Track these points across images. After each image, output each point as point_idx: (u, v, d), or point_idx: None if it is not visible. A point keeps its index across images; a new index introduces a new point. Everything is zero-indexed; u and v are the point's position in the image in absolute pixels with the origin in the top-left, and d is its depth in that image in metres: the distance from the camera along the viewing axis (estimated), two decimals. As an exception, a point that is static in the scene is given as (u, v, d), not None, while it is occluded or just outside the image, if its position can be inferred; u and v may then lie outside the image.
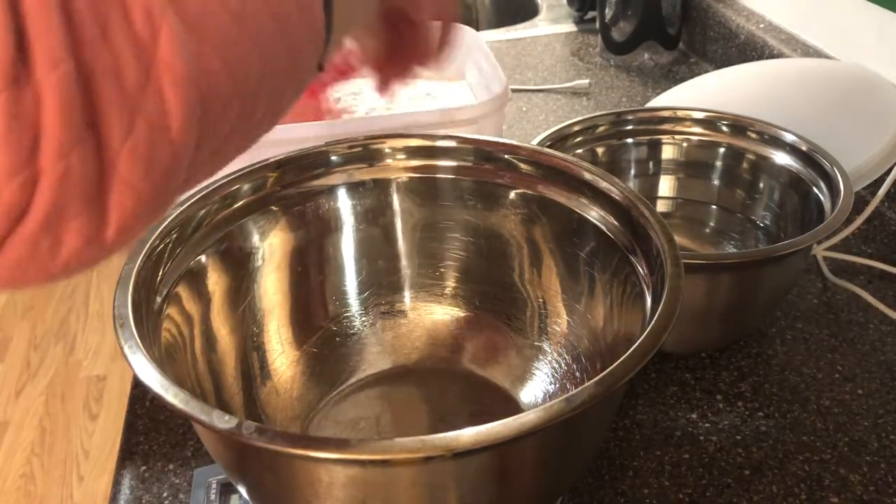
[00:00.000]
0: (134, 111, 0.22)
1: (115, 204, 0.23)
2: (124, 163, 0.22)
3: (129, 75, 0.22)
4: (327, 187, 0.56)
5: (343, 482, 0.36)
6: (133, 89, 0.22)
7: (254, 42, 0.26)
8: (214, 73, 0.25)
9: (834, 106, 0.76)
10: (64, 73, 0.20)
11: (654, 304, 0.42)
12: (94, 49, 0.21)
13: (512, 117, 0.99)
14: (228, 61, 0.25)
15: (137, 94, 0.22)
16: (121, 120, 0.22)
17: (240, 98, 0.26)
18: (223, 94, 0.25)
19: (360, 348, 0.58)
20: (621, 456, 0.54)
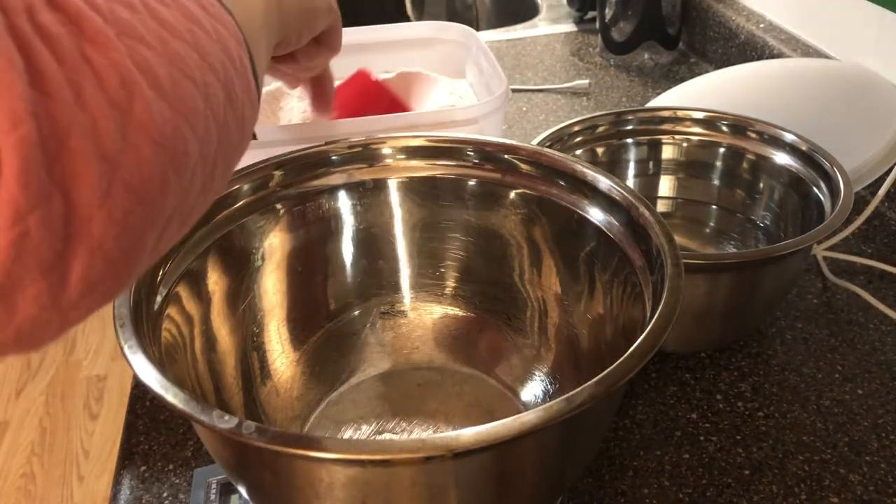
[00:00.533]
0: (112, 174, 0.22)
1: (79, 269, 0.22)
2: (99, 226, 0.21)
3: (106, 138, 0.21)
4: (327, 187, 0.56)
5: (343, 482, 0.36)
6: (111, 152, 0.22)
7: (212, 111, 0.27)
8: (186, 140, 0.25)
9: (834, 106, 0.76)
10: (25, 134, 0.19)
11: (654, 304, 0.42)
12: (69, 111, 0.21)
13: (512, 117, 0.99)
14: (196, 129, 0.25)
15: (116, 157, 0.22)
16: (99, 182, 0.21)
17: (203, 167, 0.26)
18: (192, 163, 0.25)
19: (360, 348, 0.58)
20: (621, 456, 0.54)
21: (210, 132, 0.27)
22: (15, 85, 0.19)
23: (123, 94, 0.22)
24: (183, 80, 0.25)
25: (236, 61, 0.30)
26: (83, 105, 0.21)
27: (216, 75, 0.28)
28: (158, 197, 0.24)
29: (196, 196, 0.27)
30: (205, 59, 0.27)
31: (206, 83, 0.27)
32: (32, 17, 0.21)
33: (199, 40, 0.27)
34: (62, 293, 0.22)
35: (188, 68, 0.25)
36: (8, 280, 0.20)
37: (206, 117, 0.26)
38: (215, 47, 0.28)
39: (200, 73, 0.26)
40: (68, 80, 0.21)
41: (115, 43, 0.23)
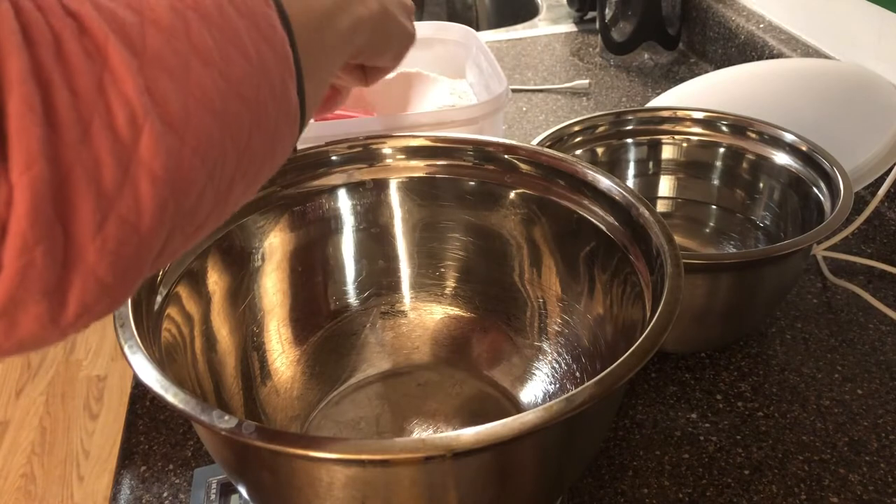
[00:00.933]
0: (107, 209, 0.23)
1: (76, 293, 0.23)
2: (92, 255, 0.23)
3: (106, 175, 0.22)
4: (327, 187, 0.56)
5: (343, 482, 0.36)
6: (109, 188, 0.23)
7: (232, 138, 0.27)
8: (193, 169, 0.25)
9: (834, 106, 0.76)
10: (37, 174, 0.21)
11: (654, 304, 0.42)
12: (75, 149, 0.22)
13: (512, 117, 0.99)
14: (207, 159, 0.26)
15: (113, 194, 0.23)
16: (94, 216, 0.22)
17: (215, 189, 0.27)
18: (199, 189, 0.26)
19: (360, 348, 0.58)
20: (621, 456, 0.54)
21: (226, 157, 0.27)
22: (33, 128, 0.21)
23: (131, 130, 0.23)
24: (200, 110, 0.25)
25: (276, 85, 0.30)
26: (89, 143, 0.22)
27: (244, 102, 0.28)
28: (155, 225, 0.24)
29: (205, 216, 0.28)
30: (233, 86, 0.27)
31: (228, 111, 0.27)
32: (59, 48, 0.22)
33: (232, 67, 0.27)
34: (61, 313, 0.23)
35: (209, 99, 0.26)
36: (11, 302, 0.22)
37: (222, 145, 0.27)
38: (251, 72, 0.28)
39: (222, 102, 0.27)
40: (79, 118, 0.22)
41: (135, 77, 0.23)
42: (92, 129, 0.22)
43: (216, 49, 0.27)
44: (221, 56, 0.27)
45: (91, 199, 0.22)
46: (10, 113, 0.20)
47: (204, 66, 0.26)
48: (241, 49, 0.28)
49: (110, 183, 0.23)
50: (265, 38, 0.30)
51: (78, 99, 0.22)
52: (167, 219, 0.25)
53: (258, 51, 0.29)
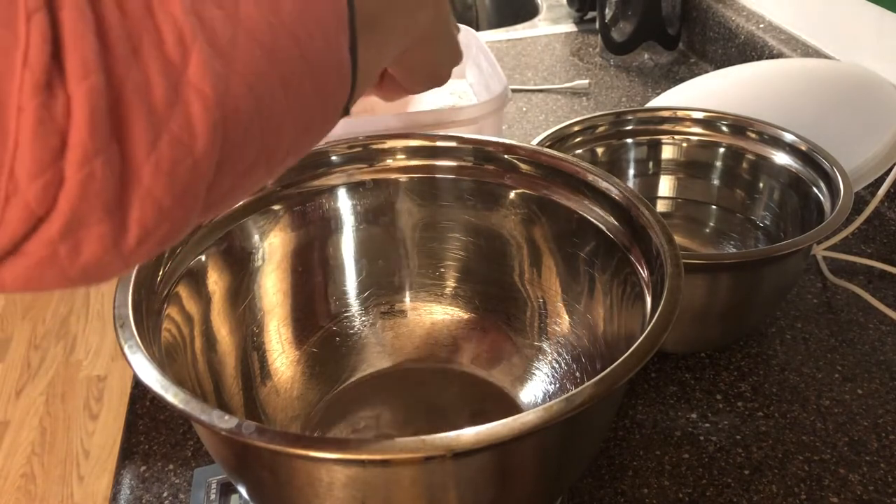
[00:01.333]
0: (160, 127, 0.23)
1: (136, 214, 0.23)
2: (148, 175, 0.23)
3: (157, 93, 0.23)
4: (327, 187, 0.56)
5: (343, 482, 0.36)
6: (161, 106, 0.23)
7: (281, 76, 0.27)
8: (240, 98, 0.25)
9: (834, 106, 0.76)
10: (94, 84, 0.21)
11: (653, 304, 0.42)
12: (126, 65, 0.22)
13: (512, 117, 0.99)
14: (255, 90, 0.26)
15: (165, 112, 0.23)
16: (147, 134, 0.22)
17: (262, 129, 0.27)
18: (246, 121, 0.26)
19: (360, 348, 0.58)
20: (621, 456, 0.54)
21: (274, 94, 0.27)
22: (86, 36, 0.21)
23: (180, 51, 0.23)
24: (248, 41, 0.25)
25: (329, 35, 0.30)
26: (139, 61, 0.22)
27: (294, 40, 0.27)
28: (208, 147, 0.24)
29: (254, 156, 0.27)
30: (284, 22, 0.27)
31: (277, 46, 0.27)
32: None
33: (280, 4, 0.27)
34: (122, 236, 0.23)
35: (258, 30, 0.26)
36: (75, 218, 0.22)
37: (270, 79, 0.26)
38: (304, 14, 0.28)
39: (272, 36, 0.26)
40: (128, 35, 0.22)
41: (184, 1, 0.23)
42: (142, 48, 0.22)
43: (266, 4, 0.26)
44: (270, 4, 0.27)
45: (143, 117, 0.22)
46: (65, 20, 0.20)
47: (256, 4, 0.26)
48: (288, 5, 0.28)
49: (161, 102, 0.23)
50: None
51: (126, 18, 0.22)
52: (217, 143, 0.25)
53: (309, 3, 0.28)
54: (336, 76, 0.31)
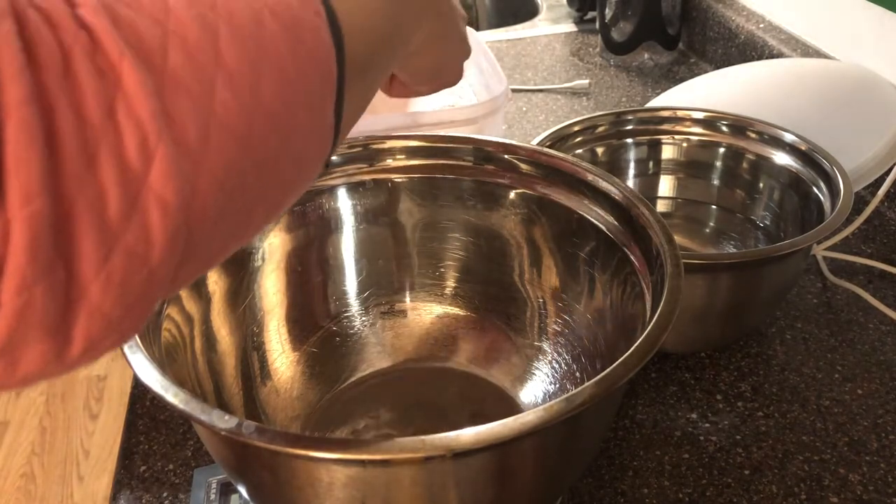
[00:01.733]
0: (113, 242, 0.21)
1: (81, 329, 0.22)
2: (97, 292, 0.21)
3: (112, 206, 0.21)
4: (327, 187, 0.56)
5: (343, 482, 0.36)
6: (115, 220, 0.21)
7: (256, 162, 0.25)
8: (208, 196, 0.24)
9: (834, 106, 0.76)
10: (37, 209, 0.19)
11: (653, 304, 0.42)
12: (78, 181, 0.20)
13: (512, 117, 0.99)
14: (226, 185, 0.24)
15: (120, 225, 0.21)
16: (98, 251, 0.21)
17: (233, 216, 0.25)
18: (214, 216, 0.24)
19: (360, 348, 0.58)
20: (621, 456, 0.54)
21: (247, 182, 0.25)
22: (33, 158, 0.19)
23: (142, 156, 0.21)
24: (221, 134, 0.24)
25: (313, 104, 0.28)
26: (94, 172, 0.21)
27: (273, 123, 0.26)
28: (166, 256, 0.23)
29: (222, 243, 0.26)
30: (263, 106, 0.25)
31: (253, 134, 0.25)
32: (68, 68, 0.20)
33: (263, 84, 0.25)
34: (66, 350, 0.22)
35: (233, 121, 0.24)
36: (12, 341, 0.21)
37: (243, 169, 0.25)
38: (286, 90, 0.26)
39: (248, 124, 0.25)
40: (84, 146, 0.20)
41: (150, 98, 0.22)
42: (98, 158, 0.21)
43: (247, 65, 0.25)
44: (252, 73, 0.25)
45: (95, 233, 0.21)
46: (8, 141, 0.19)
47: (230, 84, 0.24)
48: (278, 65, 0.26)
49: (116, 215, 0.21)
50: (308, 53, 0.27)
51: (84, 124, 0.20)
52: (179, 248, 0.23)
53: (298, 67, 0.27)
54: (318, 142, 0.29)
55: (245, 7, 0.25)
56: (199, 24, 0.24)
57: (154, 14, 0.23)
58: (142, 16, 0.22)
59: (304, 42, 0.27)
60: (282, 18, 0.26)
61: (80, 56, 0.21)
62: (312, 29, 0.28)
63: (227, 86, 0.24)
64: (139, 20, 0.22)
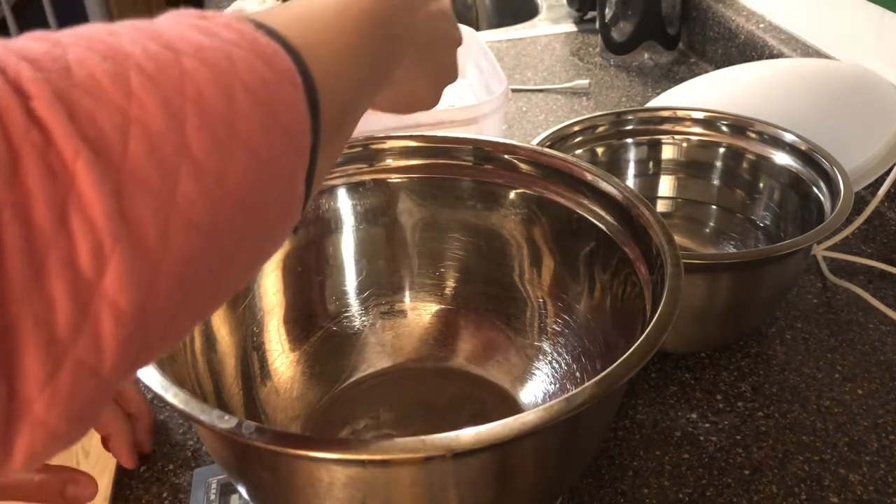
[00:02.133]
0: (61, 357, 0.20)
1: (23, 443, 0.20)
2: (41, 408, 0.20)
3: (61, 319, 0.19)
4: (327, 187, 0.56)
5: (343, 482, 0.36)
6: (64, 333, 0.20)
7: (220, 248, 0.24)
8: (166, 295, 0.22)
9: (834, 106, 0.76)
10: None
11: (653, 304, 0.42)
12: (23, 297, 0.19)
13: (512, 117, 0.99)
14: (186, 281, 0.23)
15: (69, 338, 0.20)
16: (44, 368, 0.19)
17: (195, 302, 0.24)
18: (172, 311, 0.23)
19: (360, 348, 0.58)
20: (621, 456, 0.54)
21: (210, 270, 0.24)
22: None
23: (95, 263, 0.20)
24: (183, 227, 0.22)
25: (284, 178, 0.26)
26: (41, 285, 0.19)
27: (240, 206, 0.24)
28: (118, 363, 0.21)
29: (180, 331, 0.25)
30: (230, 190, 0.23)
31: (219, 221, 0.23)
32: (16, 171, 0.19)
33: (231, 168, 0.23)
34: (6, 461, 0.21)
35: (196, 212, 0.22)
36: None
37: (207, 259, 0.23)
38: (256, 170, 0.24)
39: (213, 213, 0.23)
40: (31, 257, 0.19)
41: (106, 198, 0.20)
42: (47, 268, 0.19)
43: (215, 152, 0.23)
44: (221, 160, 0.23)
45: (41, 349, 0.19)
46: None
47: (196, 175, 0.22)
48: (249, 147, 0.24)
49: (65, 326, 0.19)
50: (283, 129, 0.26)
51: (33, 232, 0.19)
52: (132, 353, 0.22)
53: (271, 146, 0.25)
54: (288, 216, 0.28)
55: (215, 85, 0.23)
56: (165, 109, 0.22)
57: (116, 99, 0.21)
58: (101, 103, 0.21)
59: (278, 119, 0.25)
60: (255, 94, 0.25)
61: (30, 156, 0.19)
62: (288, 103, 0.26)
63: (192, 177, 0.22)
64: (98, 109, 0.21)
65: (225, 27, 0.25)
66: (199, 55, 0.24)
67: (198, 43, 0.24)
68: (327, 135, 0.29)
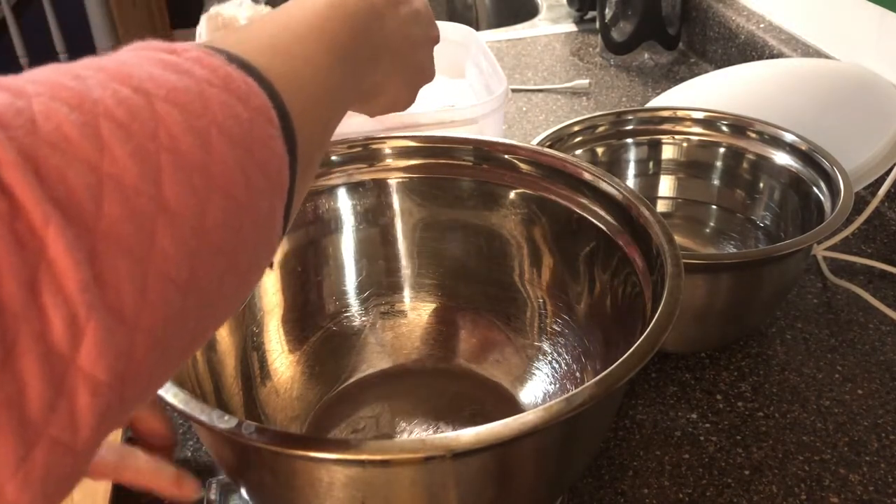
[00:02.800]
0: (34, 439, 0.19)
1: None
2: (13, 491, 0.19)
3: (34, 401, 0.18)
4: (327, 187, 0.56)
5: (343, 482, 0.36)
6: (37, 416, 0.19)
7: (199, 296, 0.23)
8: (145, 358, 0.21)
9: (834, 106, 0.76)
10: None
11: (653, 304, 0.42)
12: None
13: (512, 117, 0.99)
14: (162, 340, 0.22)
15: (42, 419, 0.19)
16: (16, 452, 0.18)
17: (173, 355, 0.23)
18: (151, 369, 0.22)
19: (360, 348, 0.58)
20: (621, 456, 0.54)
21: (187, 320, 0.23)
22: None
23: (69, 336, 0.19)
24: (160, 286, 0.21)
25: (262, 215, 0.26)
26: (12, 368, 0.18)
27: (218, 251, 0.23)
28: (95, 435, 0.20)
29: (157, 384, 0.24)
30: (208, 237, 0.23)
31: (197, 272, 0.22)
32: None
33: (209, 213, 0.23)
34: None
35: (173, 268, 0.21)
36: None
37: (184, 312, 0.22)
38: (234, 212, 0.24)
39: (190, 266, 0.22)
40: (2, 339, 0.18)
41: (80, 266, 0.19)
42: (18, 349, 0.18)
43: (193, 201, 0.22)
44: (198, 208, 0.22)
45: (12, 434, 0.18)
46: None
47: (173, 228, 0.21)
48: (226, 193, 0.23)
49: (38, 408, 0.18)
50: (261, 168, 0.25)
51: (1, 311, 0.18)
52: (109, 421, 0.21)
53: (249, 188, 0.24)
54: (267, 250, 0.27)
55: (190, 128, 0.22)
56: (138, 159, 0.21)
57: (87, 155, 0.20)
58: (72, 160, 0.19)
59: (255, 158, 0.25)
60: (231, 135, 0.24)
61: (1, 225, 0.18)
62: (265, 141, 0.25)
63: (168, 230, 0.21)
64: (68, 166, 0.19)
65: (196, 63, 0.24)
66: (171, 97, 0.22)
67: (169, 83, 0.23)
68: (304, 163, 0.29)
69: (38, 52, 2.44)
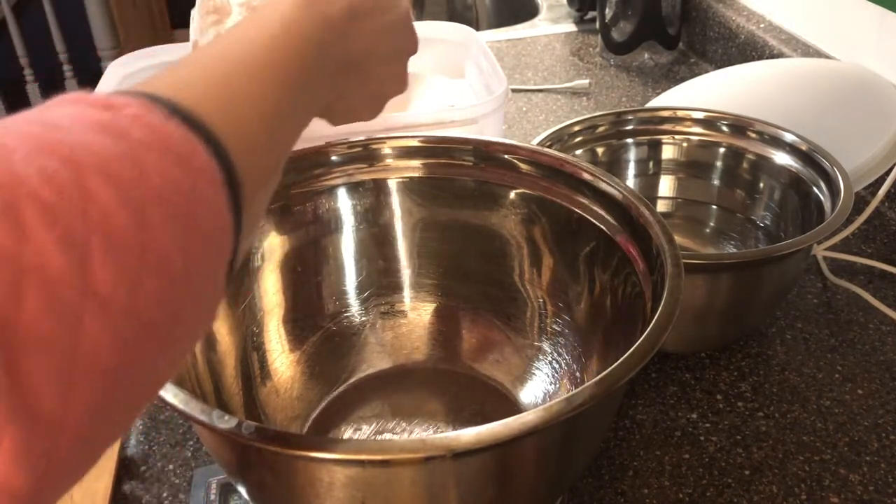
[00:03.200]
0: None
1: None
2: None
3: None
4: (327, 187, 0.56)
5: (343, 482, 0.36)
6: None
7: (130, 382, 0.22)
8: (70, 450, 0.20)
9: (834, 106, 0.76)
10: None
11: (653, 304, 0.42)
12: None
13: (512, 117, 0.99)
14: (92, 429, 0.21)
15: None
16: None
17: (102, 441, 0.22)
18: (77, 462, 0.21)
19: (360, 348, 0.58)
20: (621, 456, 0.54)
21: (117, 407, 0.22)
22: None
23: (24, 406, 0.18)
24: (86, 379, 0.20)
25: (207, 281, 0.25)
26: None
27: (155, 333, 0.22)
28: None
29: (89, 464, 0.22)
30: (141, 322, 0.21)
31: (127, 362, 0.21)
32: None
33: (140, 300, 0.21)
34: None
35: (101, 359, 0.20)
36: None
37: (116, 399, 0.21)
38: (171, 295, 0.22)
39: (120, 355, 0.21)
40: None
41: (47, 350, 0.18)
42: None
43: (125, 283, 0.20)
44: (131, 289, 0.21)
45: None
46: None
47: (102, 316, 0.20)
48: (162, 264, 0.22)
49: None
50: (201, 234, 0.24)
51: None
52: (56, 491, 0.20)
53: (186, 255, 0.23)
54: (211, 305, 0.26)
55: (124, 203, 0.21)
56: (64, 246, 0.19)
57: (8, 247, 0.18)
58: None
59: (196, 225, 0.23)
60: (169, 205, 0.22)
61: None
62: (207, 204, 0.24)
63: (97, 319, 0.20)
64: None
65: (134, 122, 0.23)
66: (105, 168, 0.21)
67: (103, 150, 0.21)
68: (251, 208, 0.28)
69: (38, 52, 2.44)
